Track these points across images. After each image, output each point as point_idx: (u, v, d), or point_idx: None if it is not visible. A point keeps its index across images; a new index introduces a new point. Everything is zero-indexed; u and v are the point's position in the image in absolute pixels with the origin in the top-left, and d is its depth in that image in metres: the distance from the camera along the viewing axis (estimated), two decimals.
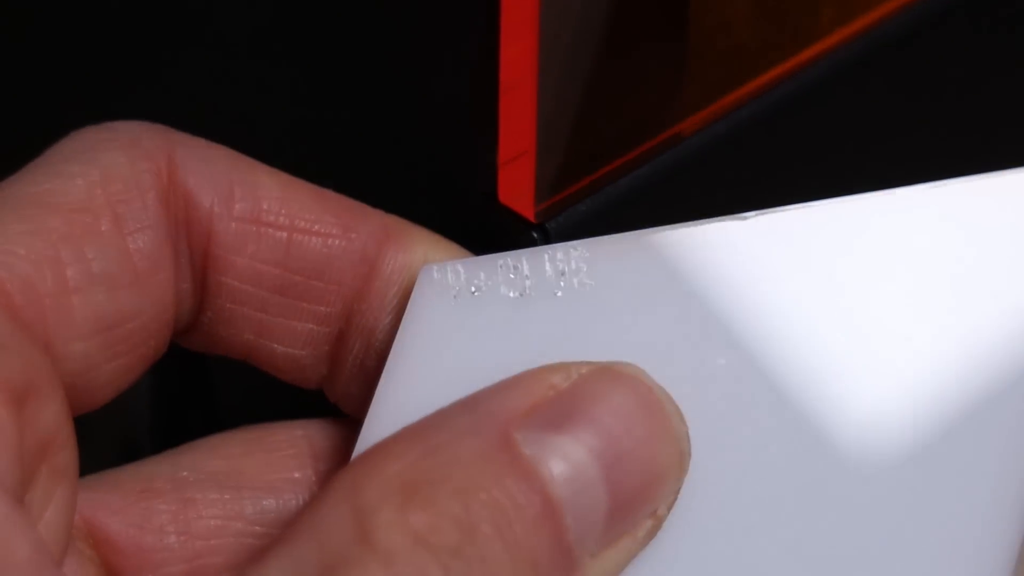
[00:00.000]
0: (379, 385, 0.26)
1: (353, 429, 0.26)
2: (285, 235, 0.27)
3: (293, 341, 0.27)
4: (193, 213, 0.26)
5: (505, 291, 0.26)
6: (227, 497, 0.27)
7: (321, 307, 0.27)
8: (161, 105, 0.34)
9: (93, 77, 0.36)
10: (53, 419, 0.24)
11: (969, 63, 0.35)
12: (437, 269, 0.26)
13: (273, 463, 0.28)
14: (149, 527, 0.27)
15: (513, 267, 0.26)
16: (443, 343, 0.26)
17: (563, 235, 0.28)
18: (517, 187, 0.29)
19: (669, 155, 0.30)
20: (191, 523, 0.27)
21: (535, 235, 0.28)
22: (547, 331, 0.26)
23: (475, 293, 0.26)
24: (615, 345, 0.26)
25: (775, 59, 0.31)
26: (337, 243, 0.27)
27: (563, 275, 0.26)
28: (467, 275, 0.26)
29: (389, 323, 0.27)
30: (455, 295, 0.26)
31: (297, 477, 0.28)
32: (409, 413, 0.25)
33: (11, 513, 0.22)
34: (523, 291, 0.26)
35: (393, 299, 0.27)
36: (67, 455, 0.25)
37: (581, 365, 0.25)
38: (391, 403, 0.26)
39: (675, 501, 0.25)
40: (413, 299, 0.26)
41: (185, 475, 0.27)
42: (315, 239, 0.27)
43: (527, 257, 0.26)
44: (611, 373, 0.25)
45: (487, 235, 0.28)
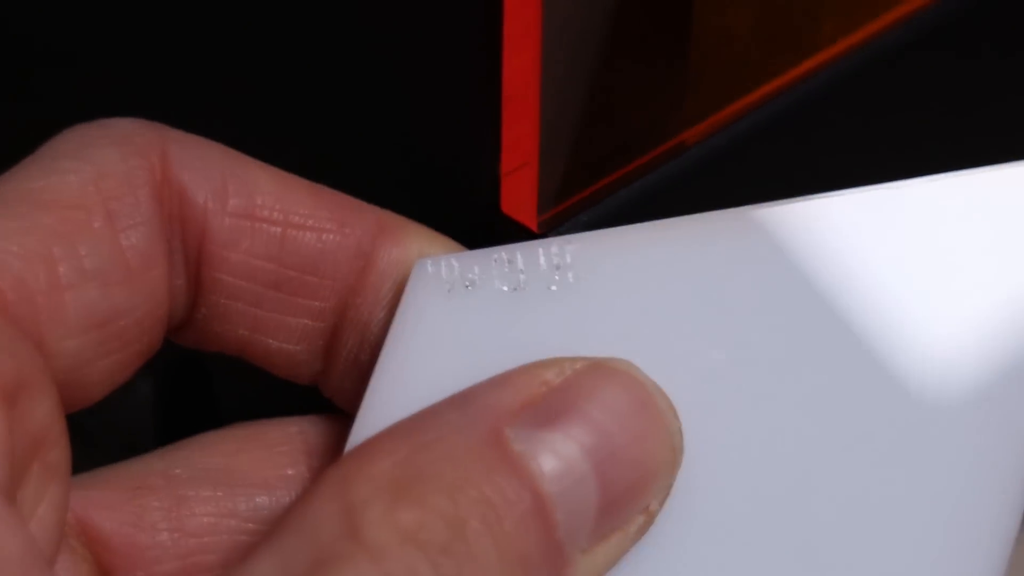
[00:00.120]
0: (371, 380, 0.26)
1: (347, 425, 0.26)
2: (279, 230, 0.27)
3: (288, 336, 0.27)
4: (187, 209, 0.26)
5: (499, 285, 0.26)
6: (220, 494, 0.27)
7: (315, 302, 0.27)
8: (157, 102, 0.34)
9: (86, 74, 0.36)
10: (45, 416, 0.24)
11: (971, 76, 0.35)
12: (431, 263, 0.26)
13: (266, 460, 0.28)
14: (142, 525, 0.27)
15: (507, 261, 0.26)
16: (436, 337, 0.26)
17: None
18: (520, 197, 0.29)
19: (672, 165, 0.30)
20: (184, 520, 0.27)
21: None
22: (541, 325, 0.26)
23: (469, 287, 0.26)
24: (609, 339, 0.25)
25: (777, 70, 0.31)
26: (331, 238, 0.27)
27: (557, 269, 0.26)
28: (461, 269, 0.26)
29: (383, 318, 0.27)
30: (449, 289, 0.26)
31: (291, 474, 0.27)
32: (401, 408, 0.25)
33: (2, 511, 0.22)
34: (517, 285, 0.26)
35: (388, 294, 0.27)
36: (59, 452, 0.25)
37: (574, 360, 0.25)
38: (383, 398, 0.26)
39: (667, 497, 0.25)
40: (407, 293, 0.26)
41: (178, 472, 0.27)
42: (309, 234, 0.27)
43: (521, 251, 0.26)
44: (604, 369, 0.25)
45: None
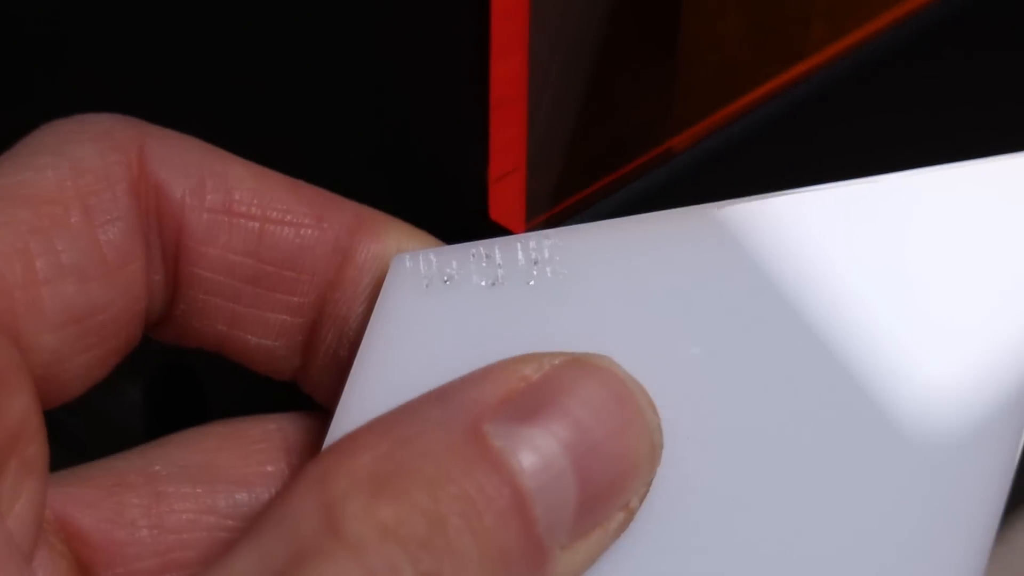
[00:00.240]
0: (350, 375, 0.26)
1: (326, 421, 0.26)
2: (257, 225, 0.27)
3: (266, 332, 0.27)
4: (164, 204, 0.26)
5: (477, 280, 0.26)
6: (199, 491, 0.27)
7: (294, 297, 0.27)
8: (143, 99, 0.34)
9: (64, 70, 0.36)
10: (22, 412, 0.24)
11: (961, 79, 0.35)
12: (409, 258, 0.26)
13: (246, 457, 0.27)
14: (121, 521, 0.27)
15: (485, 256, 0.26)
16: (414, 332, 0.26)
17: None
18: (508, 204, 0.29)
19: (661, 171, 0.30)
20: (163, 517, 0.27)
21: None
22: (519, 320, 0.26)
23: (447, 282, 0.26)
24: (588, 335, 0.25)
25: (766, 75, 0.31)
26: (310, 233, 0.27)
27: (536, 264, 0.26)
28: (439, 264, 0.26)
29: (362, 313, 0.27)
30: (427, 284, 0.26)
31: (270, 471, 0.27)
32: (380, 403, 0.25)
33: None
34: (495, 280, 0.26)
35: (366, 288, 0.27)
36: (36, 448, 0.25)
37: (553, 356, 0.25)
38: (362, 393, 0.26)
39: (647, 493, 0.25)
40: (385, 288, 0.26)
41: (157, 469, 0.27)
42: (287, 229, 0.27)
43: (499, 246, 0.26)
44: (583, 364, 0.25)
45: None
